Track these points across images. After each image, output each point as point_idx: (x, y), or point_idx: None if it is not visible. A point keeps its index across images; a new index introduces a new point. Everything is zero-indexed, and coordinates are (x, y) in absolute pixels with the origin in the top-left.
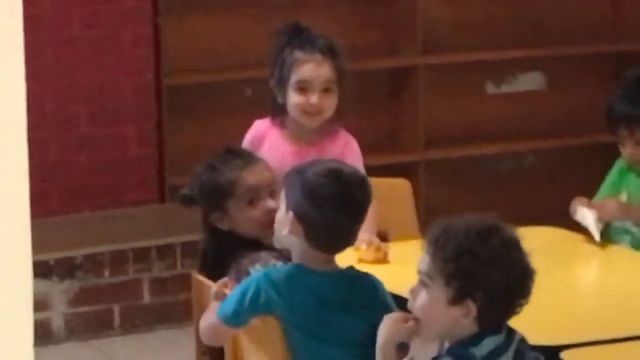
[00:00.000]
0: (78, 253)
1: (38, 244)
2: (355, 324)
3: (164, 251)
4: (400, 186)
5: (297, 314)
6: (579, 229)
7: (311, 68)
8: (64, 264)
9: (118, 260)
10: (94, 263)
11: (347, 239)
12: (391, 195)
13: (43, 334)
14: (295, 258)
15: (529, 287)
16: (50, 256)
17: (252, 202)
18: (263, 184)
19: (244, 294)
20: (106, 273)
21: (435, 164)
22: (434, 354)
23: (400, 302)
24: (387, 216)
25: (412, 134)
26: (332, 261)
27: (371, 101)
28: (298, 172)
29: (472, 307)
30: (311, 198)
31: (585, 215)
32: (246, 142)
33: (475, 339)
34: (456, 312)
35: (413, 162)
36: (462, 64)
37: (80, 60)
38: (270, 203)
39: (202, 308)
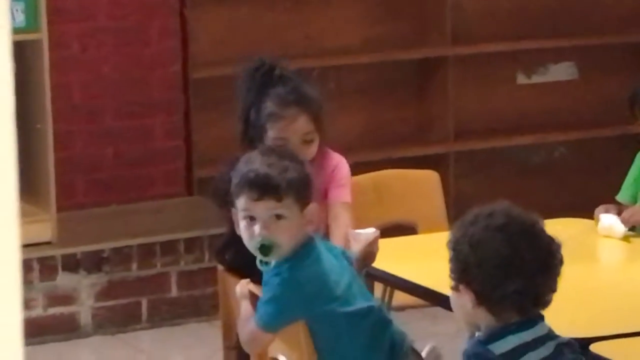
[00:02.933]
0: (105, 246)
1: (65, 237)
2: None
3: (192, 244)
4: (429, 178)
5: (325, 297)
6: None
7: (287, 124)
8: (92, 257)
9: (145, 253)
10: (121, 256)
11: None
12: (420, 187)
13: (71, 328)
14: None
15: (526, 270)
16: (78, 250)
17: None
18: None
19: (277, 299)
20: (134, 266)
21: (464, 156)
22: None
23: (430, 295)
24: (416, 208)
25: (442, 125)
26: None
27: (400, 93)
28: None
29: (469, 293)
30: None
31: (608, 227)
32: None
33: (495, 336)
34: (460, 299)
35: (442, 153)
36: (492, 54)
37: (107, 52)
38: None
39: (228, 301)
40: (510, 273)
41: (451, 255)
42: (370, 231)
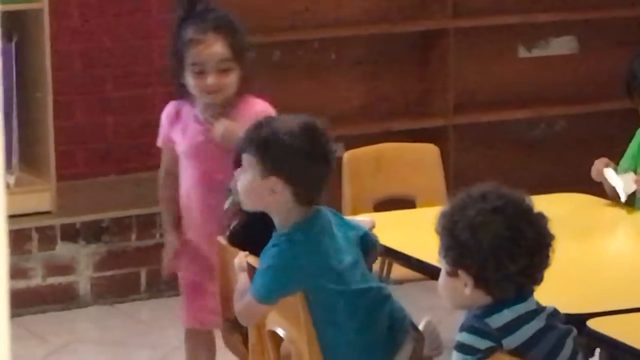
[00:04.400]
0: (105, 216)
1: (65, 207)
2: (354, 248)
3: None
4: (429, 151)
5: (323, 272)
6: (607, 195)
7: (203, 49)
8: (91, 227)
9: (145, 223)
10: (120, 227)
11: (326, 187)
12: (419, 160)
13: (69, 297)
14: (283, 221)
15: (527, 249)
16: (77, 219)
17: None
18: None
19: (274, 269)
20: (133, 237)
21: (464, 129)
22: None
23: (428, 269)
24: (415, 181)
25: (442, 98)
26: (315, 209)
27: (400, 65)
28: (268, 138)
29: (466, 278)
30: (296, 159)
31: (612, 176)
32: (163, 123)
33: (491, 310)
34: (455, 283)
35: (442, 126)
36: (493, 27)
37: (107, 22)
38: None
39: (227, 273)
40: (511, 254)
41: (445, 241)
42: (368, 220)
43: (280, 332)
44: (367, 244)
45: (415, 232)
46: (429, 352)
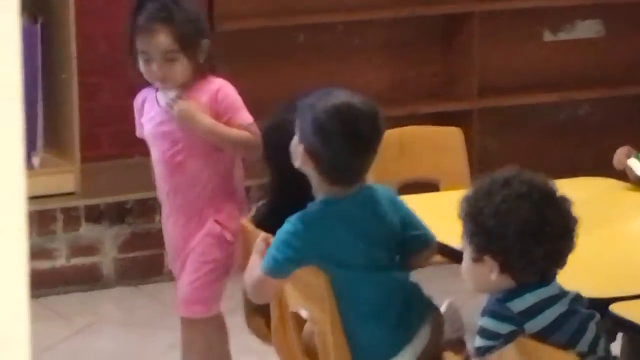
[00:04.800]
0: (129, 198)
1: (89, 188)
2: (386, 239)
3: None
4: (453, 135)
5: (336, 249)
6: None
7: (147, 38)
8: (115, 209)
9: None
10: (145, 208)
11: (357, 174)
12: (443, 144)
13: (94, 279)
14: (314, 189)
15: (553, 235)
16: (101, 201)
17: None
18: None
19: (284, 243)
20: (157, 218)
21: (489, 113)
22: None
23: (451, 252)
24: (439, 165)
25: (466, 82)
26: (348, 191)
27: (425, 49)
28: (309, 106)
29: (492, 264)
30: (319, 134)
31: (636, 166)
32: (135, 114)
33: (514, 294)
34: (481, 269)
35: (467, 110)
36: (518, 11)
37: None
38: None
39: (249, 255)
40: (537, 240)
41: (470, 227)
42: None
43: (304, 313)
44: (421, 242)
45: (438, 216)
46: (451, 335)
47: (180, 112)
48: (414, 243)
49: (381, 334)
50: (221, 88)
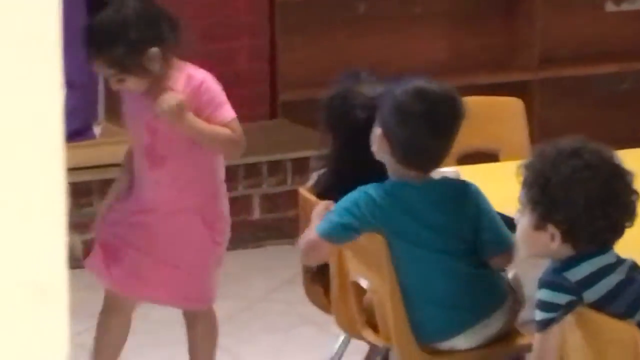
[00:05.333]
0: None
1: None
2: (451, 232)
3: (275, 167)
4: (513, 105)
5: (395, 228)
6: None
7: (97, 68)
8: None
9: (229, 175)
10: None
11: (433, 158)
12: (503, 114)
13: None
14: (390, 173)
15: (618, 206)
16: None
17: None
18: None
19: (346, 210)
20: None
21: (550, 83)
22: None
23: (510, 222)
24: (499, 135)
25: (528, 52)
26: (423, 176)
27: (486, 18)
28: (389, 90)
29: (555, 232)
30: (397, 116)
31: None
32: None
33: (571, 263)
34: (542, 237)
35: (527, 81)
36: None
37: None
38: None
39: (307, 224)
40: (604, 211)
41: (535, 195)
42: (452, 171)
43: (363, 283)
44: (499, 247)
45: (498, 186)
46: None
47: (167, 106)
48: (490, 247)
49: (442, 315)
50: (204, 81)
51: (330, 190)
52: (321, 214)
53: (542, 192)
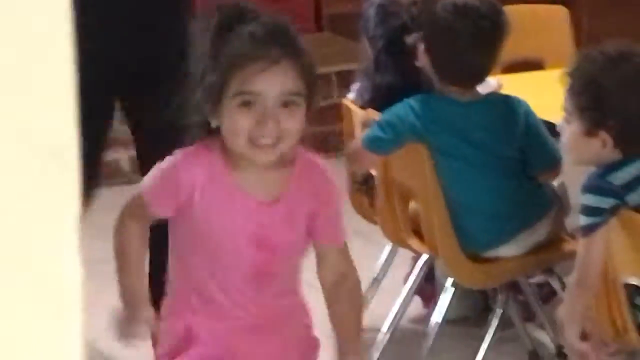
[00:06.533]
0: None
1: None
2: (496, 151)
3: (321, 80)
4: (557, 13)
5: (437, 143)
6: None
7: (263, 73)
8: None
9: None
10: None
11: (476, 74)
12: (548, 22)
13: None
14: (435, 88)
15: None
16: None
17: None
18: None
19: (387, 122)
20: None
21: None
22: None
23: (555, 130)
24: (544, 44)
25: None
26: (468, 92)
27: None
28: (430, 6)
29: (606, 137)
30: (438, 32)
31: None
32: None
33: (614, 167)
34: (594, 143)
35: None
36: None
37: None
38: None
39: (352, 136)
40: None
41: (585, 102)
42: (493, 82)
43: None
44: (546, 164)
45: (542, 94)
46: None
47: None
48: (538, 163)
49: (487, 224)
50: (326, 180)
51: (371, 102)
52: (367, 124)
53: (593, 99)
